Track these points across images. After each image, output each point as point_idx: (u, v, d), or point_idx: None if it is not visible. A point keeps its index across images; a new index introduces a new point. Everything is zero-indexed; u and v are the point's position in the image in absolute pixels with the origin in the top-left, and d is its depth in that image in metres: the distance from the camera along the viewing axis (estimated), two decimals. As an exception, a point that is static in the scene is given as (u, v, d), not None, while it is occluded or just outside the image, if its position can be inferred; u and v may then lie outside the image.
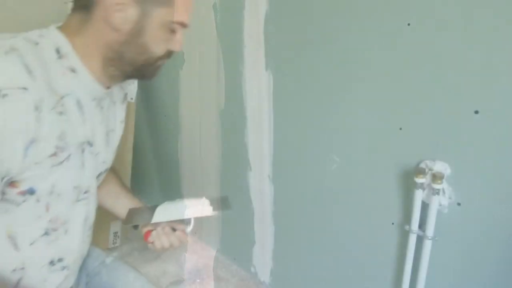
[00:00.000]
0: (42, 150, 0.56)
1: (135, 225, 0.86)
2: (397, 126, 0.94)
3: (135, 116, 1.69)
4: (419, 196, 0.90)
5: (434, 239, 0.91)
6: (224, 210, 0.84)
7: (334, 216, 1.17)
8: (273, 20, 1.13)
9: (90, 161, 0.68)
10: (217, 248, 1.72)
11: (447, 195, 0.88)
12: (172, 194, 1.93)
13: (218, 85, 1.41)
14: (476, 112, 0.80)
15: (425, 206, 0.91)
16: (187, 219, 0.83)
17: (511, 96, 0.75)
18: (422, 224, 0.93)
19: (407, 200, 0.96)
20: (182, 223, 0.84)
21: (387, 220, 1.02)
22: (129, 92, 1.63)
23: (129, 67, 0.65)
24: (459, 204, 0.88)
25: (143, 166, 2.02)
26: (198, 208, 0.82)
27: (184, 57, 1.52)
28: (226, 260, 1.66)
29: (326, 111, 1.09)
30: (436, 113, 0.86)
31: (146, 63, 0.65)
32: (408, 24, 0.86)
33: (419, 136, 0.91)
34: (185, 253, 1.71)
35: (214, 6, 1.32)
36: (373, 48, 0.94)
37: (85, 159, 0.66)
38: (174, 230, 0.83)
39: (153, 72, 0.69)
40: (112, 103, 0.77)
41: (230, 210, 0.85)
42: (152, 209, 0.82)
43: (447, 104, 0.84)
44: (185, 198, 0.84)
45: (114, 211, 0.87)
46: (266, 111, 1.25)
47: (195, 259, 1.67)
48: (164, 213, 0.81)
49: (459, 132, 0.84)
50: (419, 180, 0.88)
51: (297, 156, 1.22)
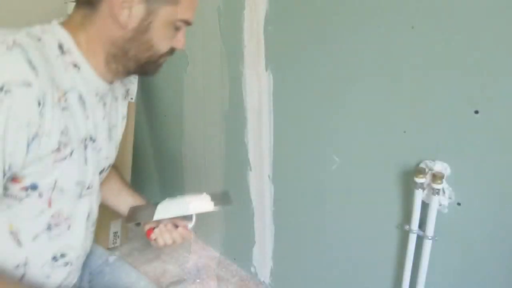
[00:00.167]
0: (45, 145, 0.56)
1: (137, 223, 0.86)
2: (397, 126, 0.94)
3: (135, 116, 1.69)
4: (419, 196, 0.90)
5: (434, 239, 0.91)
6: (225, 205, 0.83)
7: (334, 216, 1.17)
8: (273, 20, 1.13)
9: (93, 157, 0.68)
10: (217, 248, 1.72)
11: (447, 195, 0.88)
12: (173, 195, 1.93)
13: (221, 86, 1.41)
14: (476, 112, 0.80)
15: (425, 206, 0.91)
16: (189, 215, 0.82)
17: (511, 96, 0.75)
18: (422, 224, 0.93)
19: (407, 200, 0.96)
20: (184, 219, 0.83)
21: (387, 220, 1.02)
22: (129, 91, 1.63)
23: (133, 64, 0.65)
24: (459, 204, 0.88)
25: (143, 166, 2.02)
26: (200, 204, 0.82)
27: (188, 59, 1.52)
28: (226, 260, 1.66)
29: (326, 111, 1.09)
30: (436, 113, 0.86)
31: (149, 60, 0.66)
32: (412, 27, 0.86)
33: (419, 136, 0.91)
34: (185, 253, 1.71)
35: (218, 9, 1.32)
36: (373, 49, 0.94)
37: (88, 155, 0.66)
38: (176, 226, 0.83)
39: (155, 69, 0.69)
40: (114, 98, 0.77)
41: (232, 205, 0.84)
42: (154, 207, 0.82)
43: (447, 104, 0.84)
44: (186, 195, 0.84)
45: (116, 208, 0.87)
46: (266, 111, 1.25)
47: (195, 259, 1.67)
48: (166, 210, 0.81)
49: (459, 132, 0.84)
50: (419, 180, 0.88)
51: (297, 156, 1.22)
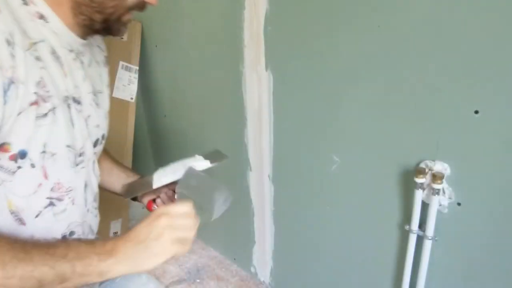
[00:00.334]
0: (22, 96, 0.53)
1: (135, 196, 0.84)
2: (397, 126, 0.94)
3: (135, 116, 1.69)
4: (419, 196, 0.90)
5: (434, 239, 0.91)
6: (221, 160, 0.81)
7: (334, 216, 1.17)
8: (273, 20, 1.13)
9: (80, 120, 0.66)
10: (217, 248, 1.72)
11: (447, 195, 0.88)
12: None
13: (221, 86, 1.41)
14: (476, 112, 0.80)
15: (425, 206, 0.91)
16: None
17: (511, 96, 0.75)
18: (422, 224, 0.93)
19: (407, 200, 0.96)
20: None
21: (387, 220, 1.02)
22: (129, 92, 1.63)
23: (98, 16, 0.62)
24: (459, 204, 0.88)
25: (144, 166, 2.02)
26: (196, 163, 0.79)
27: (188, 59, 1.52)
28: (226, 260, 1.66)
29: (326, 111, 1.09)
30: (436, 113, 0.86)
31: (116, 13, 0.62)
32: (412, 26, 0.86)
33: (419, 136, 0.91)
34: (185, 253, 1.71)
35: (218, 9, 1.32)
36: (373, 48, 0.94)
37: (73, 117, 0.64)
38: (174, 192, 0.81)
39: (120, 27, 0.66)
40: (96, 62, 0.75)
41: (227, 158, 0.83)
42: (149, 177, 0.80)
43: (447, 104, 0.84)
44: (177, 160, 0.81)
45: (111, 187, 0.86)
46: (266, 111, 1.25)
47: (195, 259, 1.67)
48: (163, 177, 0.79)
49: (459, 132, 0.84)
50: (419, 180, 0.88)
51: (297, 156, 1.22)
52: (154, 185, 0.78)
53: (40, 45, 0.57)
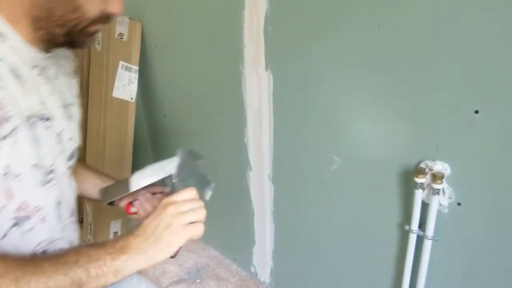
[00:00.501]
0: None
1: (111, 201, 0.84)
2: (397, 126, 0.94)
3: (135, 116, 1.69)
4: (419, 196, 0.90)
5: (434, 239, 0.91)
6: (196, 160, 0.82)
7: (334, 216, 1.17)
8: (273, 20, 1.13)
9: (49, 137, 0.64)
10: (217, 248, 1.72)
11: (447, 195, 0.88)
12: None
13: (221, 86, 1.41)
14: (476, 112, 0.80)
15: (425, 206, 0.91)
16: (163, 181, 0.80)
17: (511, 96, 0.75)
18: (422, 224, 0.93)
19: (407, 200, 0.96)
20: (159, 186, 0.82)
21: (387, 220, 1.02)
22: (129, 92, 1.63)
23: (59, 30, 0.59)
24: (459, 204, 0.88)
25: (143, 167, 2.02)
26: (173, 165, 0.79)
27: (187, 59, 1.52)
28: (226, 260, 1.66)
29: (326, 111, 1.09)
30: (436, 113, 0.86)
31: (78, 26, 0.59)
32: (411, 26, 0.86)
33: (419, 136, 0.91)
34: (185, 253, 1.71)
35: (218, 9, 1.32)
36: (373, 48, 0.94)
37: (39, 135, 0.62)
38: (153, 194, 0.83)
39: (85, 39, 0.63)
40: (64, 74, 0.72)
41: (203, 159, 0.83)
42: (125, 180, 0.80)
43: (447, 104, 0.84)
44: (153, 163, 0.82)
45: (88, 194, 0.85)
46: (266, 111, 1.25)
47: (195, 259, 1.67)
48: (140, 180, 0.79)
49: (459, 132, 0.84)
50: (419, 180, 0.88)
51: (297, 156, 1.22)
52: (132, 188, 0.78)
53: None
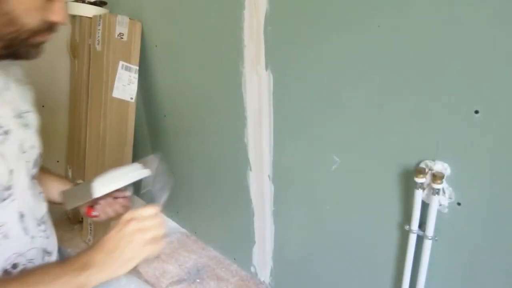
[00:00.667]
0: None
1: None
2: (397, 126, 0.94)
3: (135, 116, 1.69)
4: (419, 196, 0.90)
5: (434, 239, 0.91)
6: (159, 168, 0.84)
7: (334, 216, 1.17)
8: (273, 20, 1.13)
9: (6, 152, 0.63)
10: (217, 248, 1.72)
11: (447, 195, 0.88)
12: (172, 193, 1.93)
13: (221, 86, 1.41)
14: (476, 112, 0.80)
15: (425, 206, 0.91)
16: (125, 187, 0.83)
17: (511, 96, 0.75)
18: (422, 224, 0.93)
19: (407, 200, 0.96)
20: (120, 191, 0.83)
21: (387, 220, 1.02)
22: (129, 92, 1.63)
23: None
24: (459, 204, 0.88)
25: (143, 166, 2.02)
26: (136, 172, 0.82)
27: (187, 59, 1.52)
28: (226, 260, 1.66)
29: (326, 111, 1.09)
30: (436, 113, 0.86)
31: (18, 38, 0.57)
32: (411, 26, 0.86)
33: (419, 136, 0.91)
34: (185, 253, 1.71)
35: (218, 9, 1.32)
36: (374, 48, 0.94)
37: (3, 151, 0.61)
38: (114, 198, 0.84)
39: (31, 50, 0.60)
40: (15, 82, 0.71)
41: (166, 166, 0.85)
42: (87, 185, 0.81)
43: (447, 104, 0.84)
44: (112, 169, 0.83)
45: (48, 198, 0.83)
46: (266, 111, 1.25)
47: (195, 259, 1.67)
48: (104, 185, 0.80)
49: (459, 132, 0.84)
50: (419, 180, 0.88)
51: (297, 156, 1.22)
52: (96, 195, 0.79)
53: None
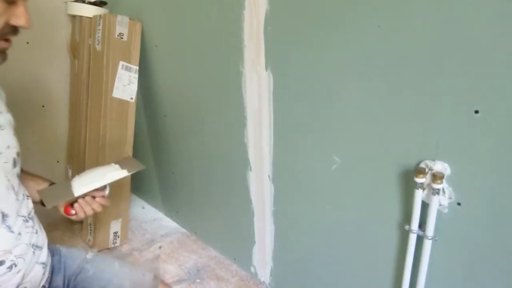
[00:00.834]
0: None
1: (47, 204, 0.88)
2: (397, 126, 0.94)
3: (135, 116, 1.69)
4: (419, 196, 0.90)
5: (434, 239, 0.91)
6: (136, 169, 0.91)
7: (334, 216, 1.17)
8: (273, 20, 1.13)
9: None
10: (217, 248, 1.72)
11: (447, 195, 0.88)
12: (172, 193, 1.93)
13: (221, 86, 1.41)
14: (476, 112, 0.80)
15: (425, 206, 0.91)
16: (104, 186, 0.88)
17: (511, 96, 0.75)
18: (422, 224, 0.93)
19: (407, 200, 0.96)
20: (98, 190, 0.87)
21: (387, 220, 1.02)
22: (129, 92, 1.63)
23: None
24: (459, 204, 0.88)
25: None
26: (115, 173, 0.87)
27: (187, 59, 1.52)
28: (226, 260, 1.66)
29: (326, 111, 1.09)
30: (436, 113, 0.86)
31: None
32: (411, 26, 0.86)
33: (419, 136, 0.91)
34: (185, 253, 1.71)
35: (218, 9, 1.32)
36: (374, 48, 0.94)
37: None
38: (93, 197, 0.88)
39: None
40: None
41: (143, 167, 0.92)
42: (66, 184, 0.85)
43: (447, 104, 0.84)
44: (90, 169, 0.89)
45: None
46: (266, 111, 1.25)
47: (195, 259, 1.67)
48: (83, 185, 0.85)
49: (459, 132, 0.84)
50: (419, 180, 0.88)
51: (297, 156, 1.22)
52: (76, 194, 0.83)
53: None
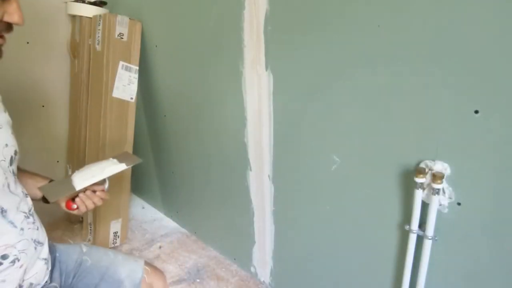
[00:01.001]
0: None
1: (46, 199, 0.89)
2: (397, 126, 0.94)
3: (135, 116, 1.69)
4: (419, 196, 0.90)
5: (434, 239, 0.91)
6: (134, 163, 0.95)
7: (334, 216, 1.17)
8: (273, 20, 1.13)
9: None
10: (217, 248, 1.72)
11: (447, 195, 0.88)
12: (172, 193, 1.93)
13: (221, 86, 1.41)
14: (476, 112, 0.80)
15: (425, 206, 0.91)
16: (104, 180, 0.91)
17: (511, 96, 0.75)
18: (422, 224, 0.93)
19: (407, 200, 0.96)
20: (98, 184, 0.90)
21: (387, 220, 1.02)
22: (129, 92, 1.63)
23: None
24: (459, 204, 0.88)
25: (143, 166, 2.02)
26: (114, 167, 0.91)
27: (186, 59, 1.52)
28: (226, 260, 1.66)
29: (326, 111, 1.09)
30: (436, 113, 0.86)
31: None
32: (412, 27, 0.86)
33: (419, 136, 0.91)
34: (185, 253, 1.71)
35: (218, 9, 1.32)
36: (373, 48, 0.94)
37: None
38: (93, 191, 0.90)
39: None
40: None
41: (140, 161, 0.97)
42: (67, 180, 0.88)
43: (447, 104, 0.84)
44: (89, 164, 0.92)
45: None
46: (266, 111, 1.25)
47: (195, 259, 1.67)
48: (84, 179, 0.87)
49: (459, 132, 0.84)
50: (419, 180, 0.88)
51: (297, 156, 1.22)
52: (77, 188, 0.86)
53: None
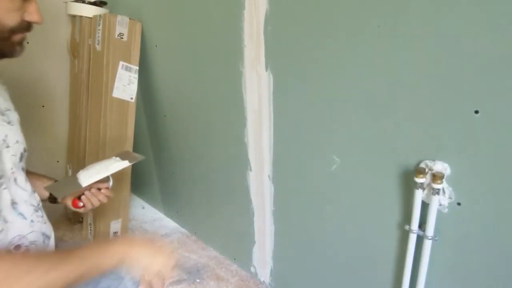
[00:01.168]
0: None
1: (53, 199, 0.92)
2: (397, 126, 0.94)
3: (135, 116, 1.69)
4: (419, 196, 0.90)
5: (434, 239, 0.91)
6: (136, 160, 1.00)
7: (334, 216, 1.17)
8: (273, 20, 1.13)
9: None
10: (217, 248, 1.72)
11: (447, 195, 0.88)
12: (172, 193, 1.93)
13: (221, 86, 1.41)
14: (476, 112, 0.80)
15: (425, 206, 0.91)
16: (105, 178, 0.95)
17: (511, 96, 0.75)
18: (422, 224, 0.93)
19: (407, 200, 0.96)
20: (102, 182, 0.94)
21: (387, 220, 1.02)
22: (129, 92, 1.63)
23: None
24: (459, 204, 0.88)
25: (143, 166, 2.02)
26: (117, 164, 0.95)
27: (186, 59, 1.52)
28: (226, 260, 1.66)
29: (326, 111, 1.09)
30: (436, 113, 0.86)
31: (1, 37, 0.61)
32: (412, 27, 0.86)
33: (419, 136, 0.91)
34: (185, 253, 1.71)
35: (218, 9, 1.32)
36: (373, 48, 0.94)
37: None
38: (98, 189, 0.94)
39: (12, 48, 0.64)
40: None
41: (143, 158, 1.02)
42: (73, 178, 0.91)
43: (447, 104, 0.84)
44: (95, 162, 0.96)
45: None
46: (266, 111, 1.25)
47: (195, 259, 1.67)
48: (89, 177, 0.91)
49: (459, 132, 0.84)
50: (419, 180, 0.88)
51: (297, 156, 1.22)
52: (84, 184, 0.89)
53: None
